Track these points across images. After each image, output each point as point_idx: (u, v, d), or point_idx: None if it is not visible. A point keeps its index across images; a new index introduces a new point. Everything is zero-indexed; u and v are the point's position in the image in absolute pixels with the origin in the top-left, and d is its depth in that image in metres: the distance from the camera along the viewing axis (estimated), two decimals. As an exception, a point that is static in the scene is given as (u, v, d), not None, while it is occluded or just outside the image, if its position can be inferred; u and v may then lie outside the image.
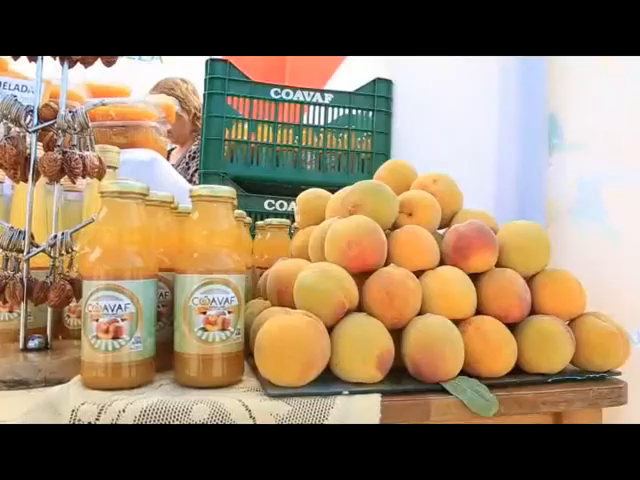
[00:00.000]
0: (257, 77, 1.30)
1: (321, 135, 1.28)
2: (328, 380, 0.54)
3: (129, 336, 0.52)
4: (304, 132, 1.27)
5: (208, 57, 1.27)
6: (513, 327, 0.60)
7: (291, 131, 1.27)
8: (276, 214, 1.23)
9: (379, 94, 1.30)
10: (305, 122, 1.27)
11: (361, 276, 0.59)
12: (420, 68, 1.22)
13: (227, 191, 0.56)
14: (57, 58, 0.66)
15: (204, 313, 0.53)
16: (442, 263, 0.63)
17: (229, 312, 0.54)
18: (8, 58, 1.04)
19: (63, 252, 0.63)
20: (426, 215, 0.66)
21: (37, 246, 0.63)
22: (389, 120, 1.30)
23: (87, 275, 0.52)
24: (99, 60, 0.68)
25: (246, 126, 1.24)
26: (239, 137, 1.24)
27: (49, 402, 0.48)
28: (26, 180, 0.63)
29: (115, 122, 0.95)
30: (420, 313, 0.58)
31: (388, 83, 1.31)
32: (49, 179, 0.62)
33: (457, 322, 0.58)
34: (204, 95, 1.26)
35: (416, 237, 0.62)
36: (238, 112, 1.25)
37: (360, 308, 0.58)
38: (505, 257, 0.63)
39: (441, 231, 0.70)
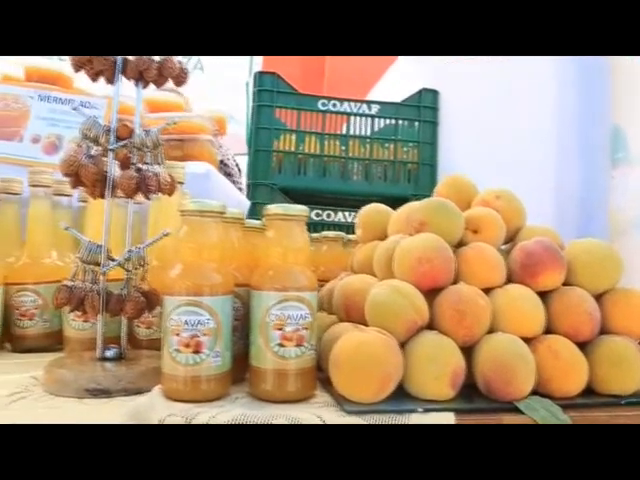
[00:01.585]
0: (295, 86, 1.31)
1: (367, 146, 1.29)
2: (399, 397, 0.55)
3: (209, 350, 0.53)
4: (350, 143, 1.28)
5: (256, 70, 1.30)
6: (583, 346, 0.60)
7: (337, 142, 1.28)
8: (323, 224, 1.25)
9: (425, 104, 1.31)
10: (352, 133, 1.29)
11: (429, 293, 0.60)
12: (468, 77, 1.22)
13: (301, 210, 0.57)
14: (131, 79, 0.68)
15: (280, 329, 0.54)
16: (508, 280, 0.63)
17: (304, 328, 0.55)
18: (72, 75, 1.08)
19: (137, 266, 0.66)
20: (491, 232, 0.66)
21: (113, 260, 0.65)
22: (435, 130, 1.30)
23: (168, 291, 0.54)
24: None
25: (294, 137, 1.26)
26: (287, 148, 1.26)
27: (137, 411, 0.50)
28: (103, 196, 0.66)
29: (172, 136, 0.98)
30: (489, 331, 0.59)
31: (434, 93, 1.32)
32: (125, 196, 0.65)
33: (527, 340, 0.58)
34: (252, 107, 1.29)
35: (484, 254, 0.62)
36: (286, 123, 1.27)
37: (429, 325, 0.59)
38: (573, 275, 0.63)
39: (503, 247, 0.70)
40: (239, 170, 1.57)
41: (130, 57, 0.67)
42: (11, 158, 0.93)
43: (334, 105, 1.28)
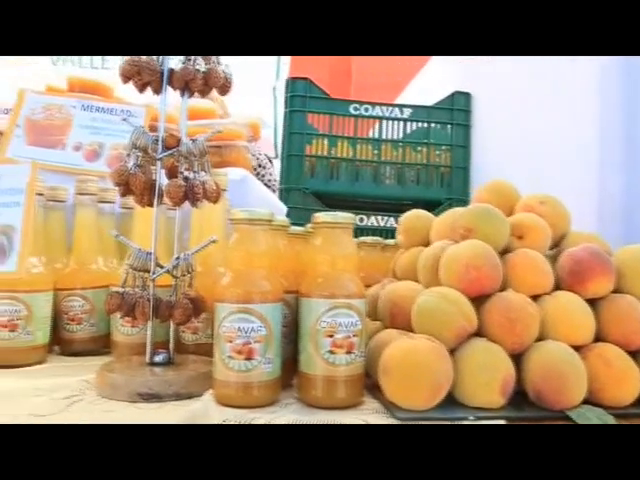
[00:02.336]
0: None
1: (400, 149, 1.29)
2: (448, 404, 0.55)
3: (261, 357, 0.54)
4: (383, 147, 1.28)
5: (289, 76, 1.31)
6: (633, 355, 0.59)
7: (370, 146, 1.29)
8: (356, 229, 1.24)
9: (458, 107, 1.30)
10: (384, 137, 1.29)
11: (476, 300, 0.60)
12: (502, 78, 1.21)
13: (348, 217, 0.58)
14: (177, 89, 0.70)
15: (331, 336, 0.54)
16: (556, 287, 0.63)
17: (354, 335, 0.55)
18: (113, 84, 1.11)
19: (185, 272, 0.67)
20: (537, 238, 0.65)
21: (162, 266, 0.66)
22: (468, 133, 1.30)
23: (220, 298, 0.55)
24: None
25: (326, 142, 1.27)
26: (319, 153, 1.27)
27: (193, 416, 0.52)
28: (151, 205, 0.67)
29: (210, 142, 0.99)
30: (538, 339, 0.58)
31: (467, 96, 1.31)
32: (173, 204, 0.66)
33: (576, 348, 0.57)
34: (285, 113, 1.30)
35: (531, 261, 0.62)
36: (318, 128, 1.28)
37: (477, 333, 0.59)
38: (623, 282, 0.62)
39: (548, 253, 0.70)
40: (270, 161, 1.57)
41: (176, 68, 0.68)
42: (54, 165, 0.95)
43: (366, 109, 1.29)
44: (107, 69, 2.21)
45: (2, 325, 0.72)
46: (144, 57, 0.68)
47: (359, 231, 1.23)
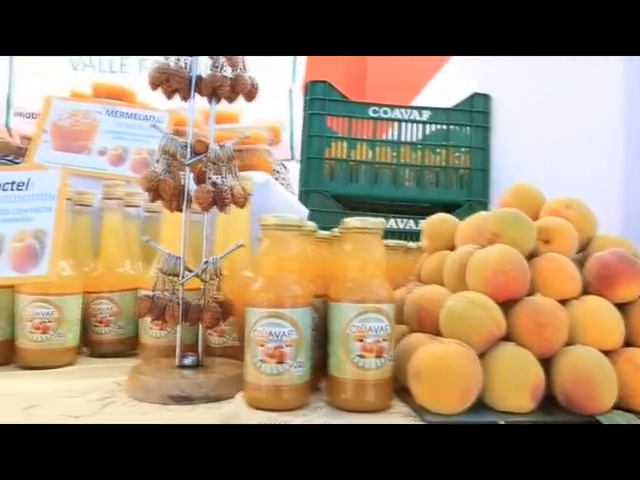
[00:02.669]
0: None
1: (419, 152, 1.29)
2: (478, 408, 0.55)
3: (292, 360, 0.55)
4: (402, 149, 1.29)
5: (309, 80, 1.31)
6: (664, 359, 0.59)
7: (389, 148, 1.29)
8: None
9: (477, 109, 1.30)
10: (402, 139, 1.29)
11: (503, 305, 0.60)
12: (522, 79, 1.20)
13: (377, 223, 0.59)
14: (205, 96, 0.71)
15: (361, 341, 0.55)
16: (583, 292, 0.63)
17: (384, 340, 0.56)
18: (135, 90, 1.12)
19: (213, 276, 0.68)
20: (564, 242, 0.65)
21: (190, 270, 0.68)
22: (487, 135, 1.30)
23: (251, 303, 0.56)
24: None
25: (345, 144, 1.28)
26: (338, 155, 1.27)
27: (225, 418, 0.53)
28: (180, 210, 0.68)
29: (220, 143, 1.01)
30: (567, 343, 0.58)
31: (486, 97, 1.31)
32: (202, 209, 0.67)
33: (605, 353, 0.57)
34: (304, 116, 1.31)
35: (559, 265, 0.62)
36: (337, 131, 1.28)
37: (505, 337, 0.59)
38: (651, 286, 0.62)
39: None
40: (284, 165, 1.58)
41: (204, 75, 0.69)
42: (80, 170, 0.97)
43: (385, 112, 1.29)
44: (126, 73, 2.23)
45: (35, 327, 0.73)
46: (172, 64, 0.69)
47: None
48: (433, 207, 1.28)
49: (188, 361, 0.67)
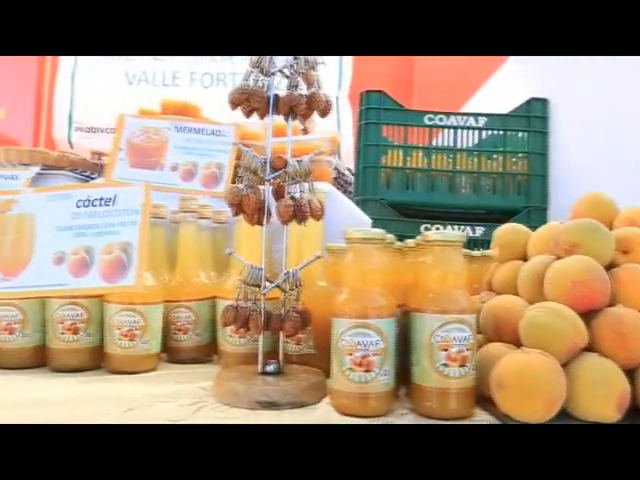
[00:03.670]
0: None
1: (475, 159, 1.29)
2: (561, 418, 0.56)
3: (379, 369, 0.57)
4: (458, 156, 1.29)
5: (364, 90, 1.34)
6: None
7: (444, 155, 1.30)
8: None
9: (534, 114, 1.30)
10: (458, 146, 1.30)
11: (583, 315, 0.60)
12: (582, 82, 1.19)
13: (459, 236, 0.60)
14: (282, 114, 0.74)
15: (446, 350, 0.57)
16: (664, 301, 0.62)
17: (467, 349, 0.57)
18: (199, 105, 1.17)
19: (293, 287, 0.71)
20: (643, 252, 0.65)
21: (271, 281, 0.71)
22: (546, 140, 1.29)
23: (338, 313, 0.59)
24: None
25: (401, 152, 1.29)
26: (394, 164, 1.29)
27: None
28: (261, 223, 0.71)
29: (296, 158, 1.04)
30: (651, 354, 0.58)
31: (544, 102, 1.30)
32: (282, 222, 0.70)
33: (691, 364, 0.57)
34: (359, 125, 1.33)
35: (639, 276, 0.62)
36: (392, 139, 1.30)
37: (587, 347, 0.59)
38: None
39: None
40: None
41: (281, 93, 0.73)
42: (155, 185, 1.02)
43: (440, 119, 1.30)
44: (177, 86, 2.30)
45: (122, 335, 0.78)
46: (251, 84, 0.73)
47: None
48: (490, 214, 1.28)
49: (270, 368, 0.70)
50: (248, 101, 0.72)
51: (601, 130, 1.12)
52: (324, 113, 0.75)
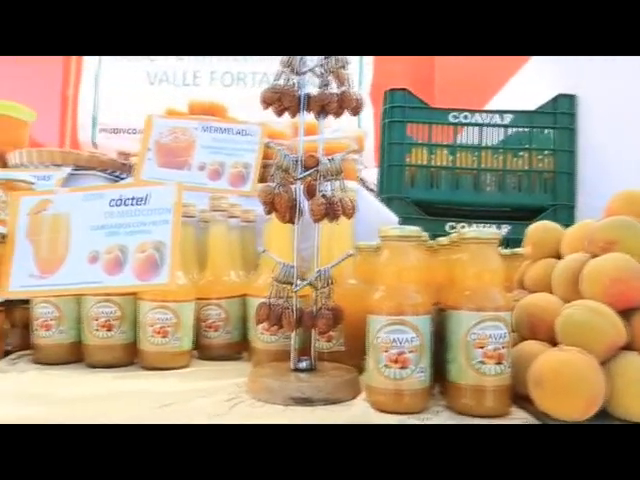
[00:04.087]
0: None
1: (500, 156, 1.28)
2: (601, 417, 0.55)
3: (415, 366, 0.57)
4: (483, 154, 1.29)
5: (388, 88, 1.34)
6: None
7: (469, 153, 1.29)
8: (458, 236, 1.26)
9: (561, 111, 1.28)
10: (483, 143, 1.29)
11: (621, 313, 0.60)
12: (611, 78, 1.17)
13: (494, 233, 0.60)
14: (313, 112, 0.74)
15: (482, 347, 0.57)
16: None
17: (503, 347, 0.57)
18: (226, 105, 1.18)
19: (325, 284, 0.71)
20: (681, 249, 0.64)
21: (304, 279, 0.71)
22: (573, 137, 1.27)
23: (374, 311, 0.59)
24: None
25: (425, 151, 1.29)
26: (419, 162, 1.29)
27: (352, 420, 0.56)
28: (292, 222, 0.72)
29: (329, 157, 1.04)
30: (691, 352, 0.58)
31: (571, 98, 1.29)
32: (315, 221, 0.70)
33: None
34: (384, 124, 1.33)
35: (679, 274, 0.61)
36: (416, 137, 1.30)
37: (625, 345, 0.59)
38: None
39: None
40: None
41: (313, 92, 0.73)
42: (185, 185, 1.03)
43: (465, 117, 1.30)
44: (197, 85, 2.32)
45: (155, 332, 0.79)
46: (281, 83, 0.74)
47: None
48: (515, 211, 1.27)
49: (303, 365, 0.71)
50: (280, 100, 0.73)
51: (631, 128, 1.11)
52: (355, 111, 0.75)
